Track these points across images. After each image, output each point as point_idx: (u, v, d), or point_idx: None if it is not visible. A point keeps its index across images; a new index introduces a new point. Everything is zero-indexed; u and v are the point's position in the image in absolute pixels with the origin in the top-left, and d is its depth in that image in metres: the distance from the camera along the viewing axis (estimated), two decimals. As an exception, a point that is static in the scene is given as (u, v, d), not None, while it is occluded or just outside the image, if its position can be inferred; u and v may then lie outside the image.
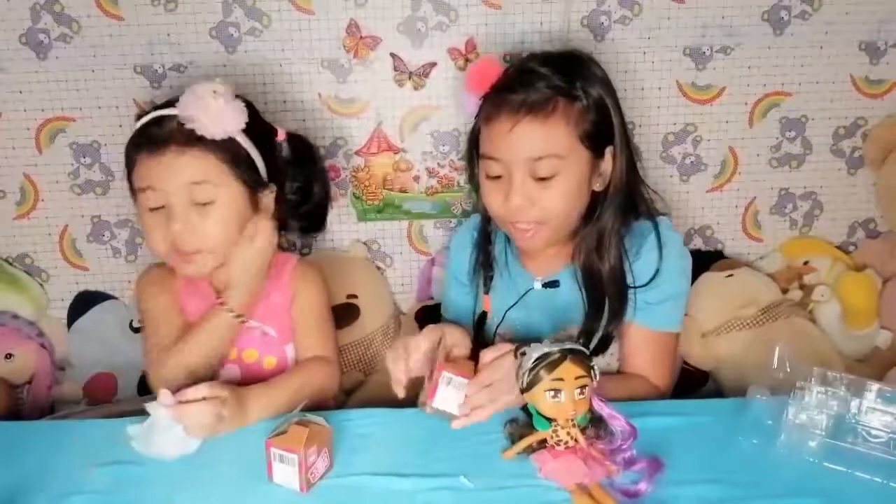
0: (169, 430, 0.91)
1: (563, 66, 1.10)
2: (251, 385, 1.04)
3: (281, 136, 1.17)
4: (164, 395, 0.92)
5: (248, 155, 1.09)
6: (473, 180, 1.23)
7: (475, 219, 1.30)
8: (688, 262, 1.19)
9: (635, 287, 1.12)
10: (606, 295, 1.12)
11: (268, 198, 1.14)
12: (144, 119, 1.08)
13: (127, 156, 1.09)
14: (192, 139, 1.04)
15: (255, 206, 1.12)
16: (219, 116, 1.04)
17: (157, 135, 1.05)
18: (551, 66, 1.09)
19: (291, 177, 1.19)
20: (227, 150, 1.06)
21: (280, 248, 1.18)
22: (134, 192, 1.10)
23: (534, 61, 1.12)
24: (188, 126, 1.03)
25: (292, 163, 1.19)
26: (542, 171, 1.07)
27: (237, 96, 1.09)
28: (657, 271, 1.12)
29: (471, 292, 1.29)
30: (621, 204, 1.13)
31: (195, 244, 1.06)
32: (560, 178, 1.07)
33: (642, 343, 1.14)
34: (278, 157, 1.17)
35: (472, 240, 1.28)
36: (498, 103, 1.09)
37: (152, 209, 1.06)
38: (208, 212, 1.06)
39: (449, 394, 0.95)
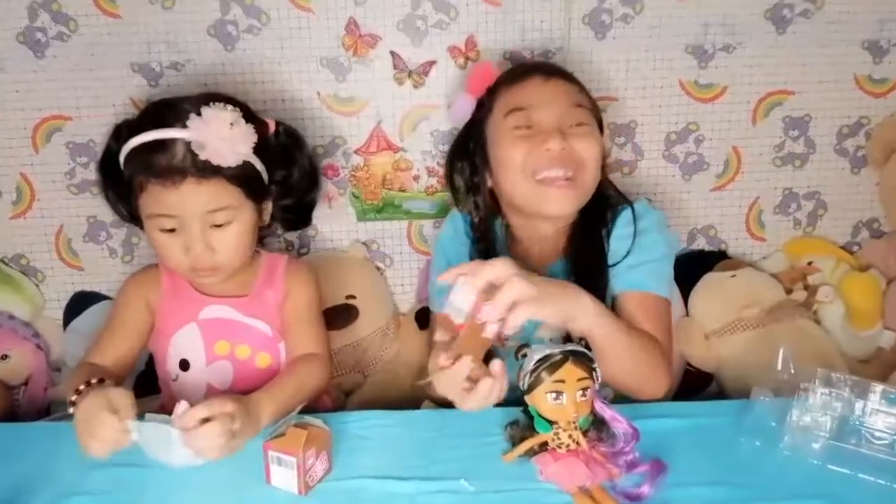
0: (180, 447, 0.88)
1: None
2: (254, 392, 1.01)
3: (272, 128, 1.15)
4: (182, 406, 0.88)
5: (257, 171, 1.10)
6: (456, 185, 1.26)
7: (459, 214, 1.29)
8: (669, 235, 1.20)
9: (614, 264, 1.12)
10: (592, 271, 1.12)
11: (268, 203, 1.16)
12: (142, 139, 1.04)
13: (130, 174, 1.06)
14: (207, 169, 1.02)
15: (260, 214, 1.14)
16: (232, 143, 1.03)
17: (168, 165, 1.01)
18: None
19: (279, 168, 1.17)
20: (240, 173, 1.06)
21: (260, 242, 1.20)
22: (132, 207, 1.09)
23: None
24: (203, 156, 1.01)
25: (281, 154, 1.17)
26: (578, 116, 1.12)
27: (230, 99, 1.08)
28: (633, 242, 1.13)
29: None
30: (604, 186, 1.19)
31: (215, 261, 1.07)
32: (590, 129, 1.13)
33: (630, 306, 1.11)
34: (270, 151, 1.14)
35: (466, 233, 1.26)
36: (522, 69, 1.18)
37: (164, 231, 1.05)
38: (226, 231, 1.06)
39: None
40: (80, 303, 1.47)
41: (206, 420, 0.88)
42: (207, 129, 1.01)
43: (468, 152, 1.23)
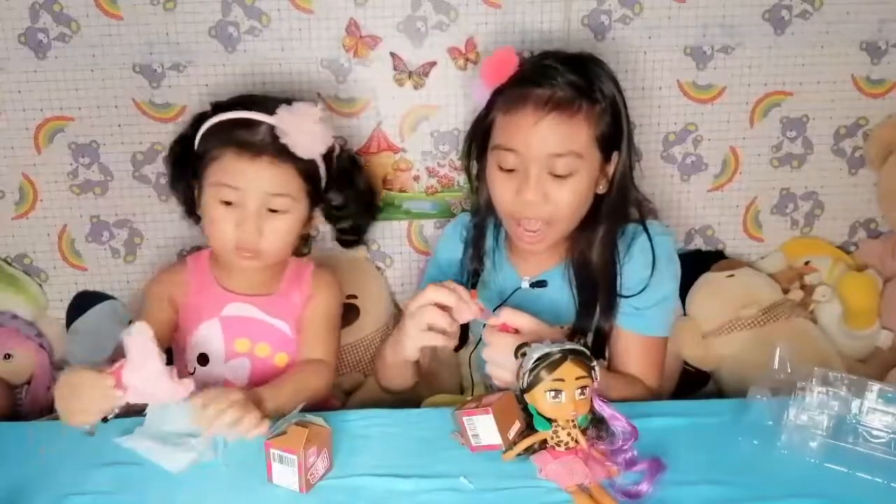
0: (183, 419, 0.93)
1: (580, 67, 1.10)
2: (259, 387, 1.04)
3: (336, 149, 1.18)
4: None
5: (320, 175, 1.14)
6: (471, 172, 1.23)
7: (465, 217, 1.30)
8: (676, 266, 1.18)
9: (626, 296, 1.13)
10: (598, 294, 1.13)
11: (318, 213, 1.19)
12: (230, 116, 1.09)
13: (206, 147, 1.10)
14: (283, 152, 1.07)
15: (310, 219, 1.17)
16: (312, 138, 1.09)
17: (251, 139, 1.07)
18: (569, 65, 1.09)
19: (336, 189, 1.20)
20: (307, 167, 1.11)
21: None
22: (192, 179, 1.12)
23: (550, 59, 1.12)
24: (282, 140, 1.07)
25: (338, 175, 1.20)
26: (560, 168, 1.07)
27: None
28: (650, 278, 1.12)
29: None
30: (618, 206, 1.14)
31: (259, 246, 1.09)
32: (575, 177, 1.08)
33: (632, 348, 1.14)
34: (331, 170, 1.18)
35: (461, 237, 1.28)
36: (522, 95, 1.08)
37: (222, 202, 1.08)
38: (277, 220, 1.10)
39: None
40: (83, 302, 1.47)
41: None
42: (292, 120, 1.07)
43: (478, 143, 1.20)
